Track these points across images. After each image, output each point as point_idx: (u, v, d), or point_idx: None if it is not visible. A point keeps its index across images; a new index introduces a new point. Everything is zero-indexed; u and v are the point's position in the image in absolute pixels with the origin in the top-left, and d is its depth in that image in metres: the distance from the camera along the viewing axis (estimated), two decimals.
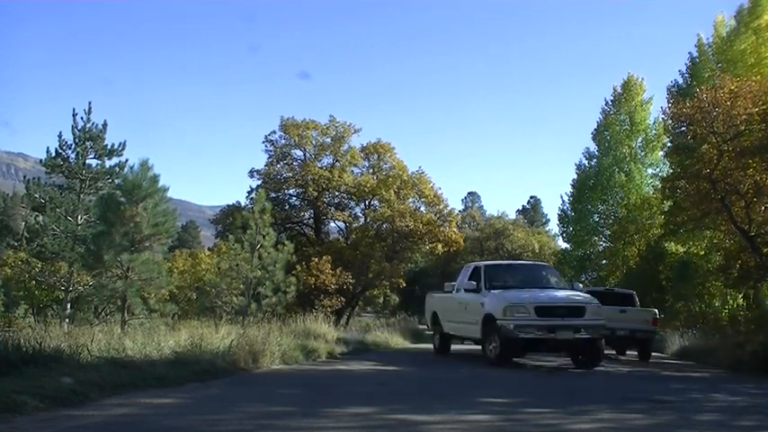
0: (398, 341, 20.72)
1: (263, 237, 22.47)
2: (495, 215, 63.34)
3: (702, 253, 28.31)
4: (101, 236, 16.81)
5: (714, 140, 17.98)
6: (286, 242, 23.40)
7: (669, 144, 29.74)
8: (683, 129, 21.98)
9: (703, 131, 17.91)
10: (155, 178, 16.87)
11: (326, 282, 31.37)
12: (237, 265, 22.17)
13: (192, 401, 7.73)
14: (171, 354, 10.56)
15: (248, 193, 37.03)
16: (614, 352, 20.33)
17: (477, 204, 74.64)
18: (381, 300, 66.51)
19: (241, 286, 21.82)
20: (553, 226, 61.90)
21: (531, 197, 78.49)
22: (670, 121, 27.71)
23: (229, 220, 32.99)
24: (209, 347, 11.27)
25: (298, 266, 31.44)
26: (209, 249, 49.06)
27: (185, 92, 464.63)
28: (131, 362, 9.32)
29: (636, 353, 19.60)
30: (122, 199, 16.57)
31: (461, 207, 68.20)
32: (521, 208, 77.41)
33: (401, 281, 37.39)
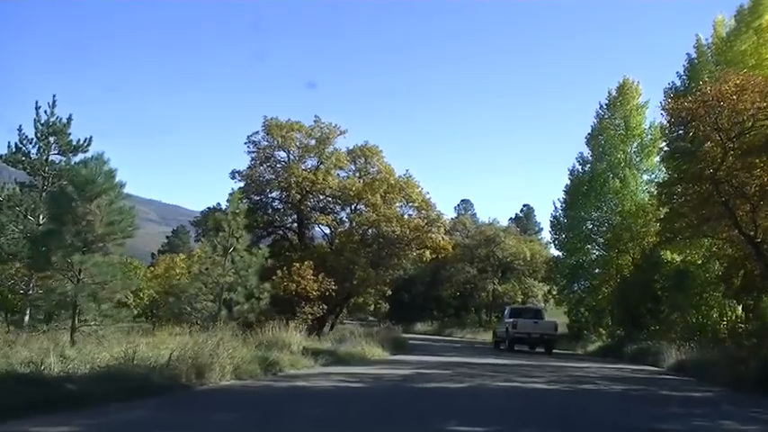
0: (377, 352, 19.33)
1: (237, 239, 21.13)
2: (487, 222, 62.14)
3: (700, 262, 27.04)
4: (50, 235, 15.44)
5: (718, 138, 16.62)
6: (261, 246, 22.05)
7: (666, 148, 28.60)
8: (683, 129, 20.70)
9: (706, 128, 16.58)
10: (111, 173, 15.53)
11: (308, 288, 29.92)
12: (207, 268, 20.82)
13: (92, 431, 6.36)
14: (104, 367, 9.22)
15: (230, 195, 35.51)
16: (527, 347, 30.31)
17: (470, 212, 73.62)
18: (372, 307, 65.48)
19: (210, 293, 20.49)
20: (546, 234, 60.73)
21: (525, 206, 77.64)
22: (668, 122, 26.70)
23: (207, 222, 31.55)
24: (149, 360, 9.88)
25: (279, 272, 30.09)
26: (184, 254, 47.41)
27: (186, 99, 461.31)
28: (42, 379, 7.94)
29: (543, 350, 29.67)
30: (74, 196, 15.17)
31: (454, 215, 67.03)
32: (514, 216, 76.56)
33: (386, 288, 36.00)
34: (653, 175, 35.08)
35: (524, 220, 74.52)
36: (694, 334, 25.28)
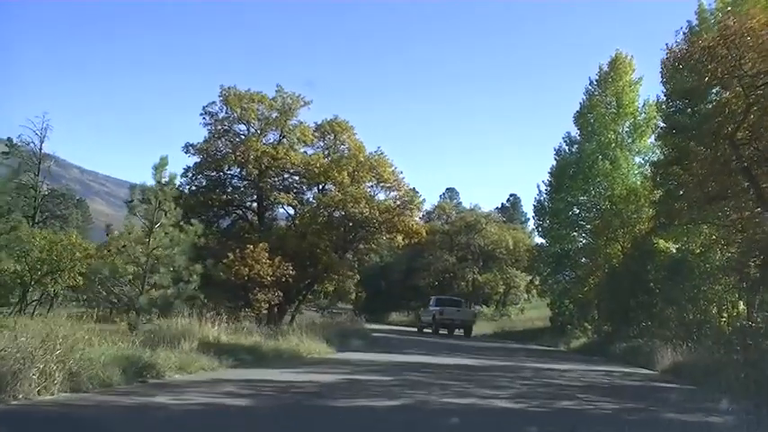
0: (318, 349, 16.15)
1: (165, 213, 18.01)
2: (468, 208, 59.10)
3: (698, 251, 24.15)
4: None
5: (739, 88, 13.49)
6: (193, 222, 18.93)
7: (663, 125, 25.73)
8: (687, 99, 17.59)
9: (725, 74, 13.44)
10: None
11: (262, 273, 26.88)
12: (124, 246, 17.68)
13: None
14: None
15: (184, 170, 32.34)
16: (446, 331, 36.32)
17: (455, 201, 70.87)
18: (354, 295, 62.76)
19: (129, 274, 17.37)
20: (533, 224, 57.89)
21: (511, 195, 75.69)
22: (666, 95, 23.92)
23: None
24: None
25: (230, 254, 27.13)
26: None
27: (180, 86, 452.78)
28: None
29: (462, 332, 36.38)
30: None
31: (437, 202, 63.99)
32: (500, 206, 74.46)
33: (351, 274, 32.94)
34: (646, 158, 32.31)
35: (511, 210, 72.72)
36: (691, 332, 22.52)
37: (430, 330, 36.32)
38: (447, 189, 73.86)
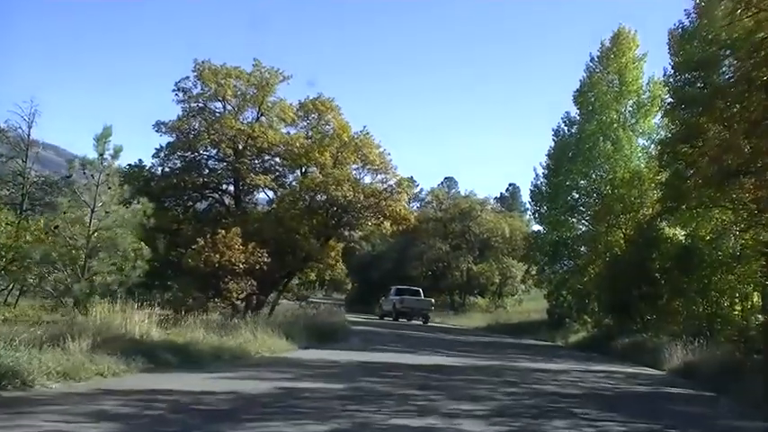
0: (276, 345, 13.79)
1: (109, 188, 15.83)
2: (462, 194, 56.79)
3: (709, 238, 21.98)
4: None
5: None
6: (141, 200, 16.75)
7: (670, 101, 23.67)
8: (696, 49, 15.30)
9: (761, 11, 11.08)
10: None
11: (234, 260, 24.67)
12: (57, 227, 15.49)
13: None
14: None
15: (156, 151, 30.08)
16: (406, 319, 38.90)
17: (454, 190, 68.90)
18: (351, 285, 61.00)
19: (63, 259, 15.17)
20: (530, 210, 55.68)
21: (510, 185, 73.82)
22: (673, 66, 21.86)
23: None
24: None
25: (200, 240, 24.94)
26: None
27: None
28: None
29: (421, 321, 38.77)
30: None
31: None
32: (499, 196, 72.90)
33: (333, 263, 30.62)
34: (651, 139, 30.17)
35: (510, 200, 71.16)
36: (701, 326, 20.46)
37: (391, 318, 39.45)
38: (446, 178, 72.02)
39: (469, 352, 18.63)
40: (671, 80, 23.18)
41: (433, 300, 41.89)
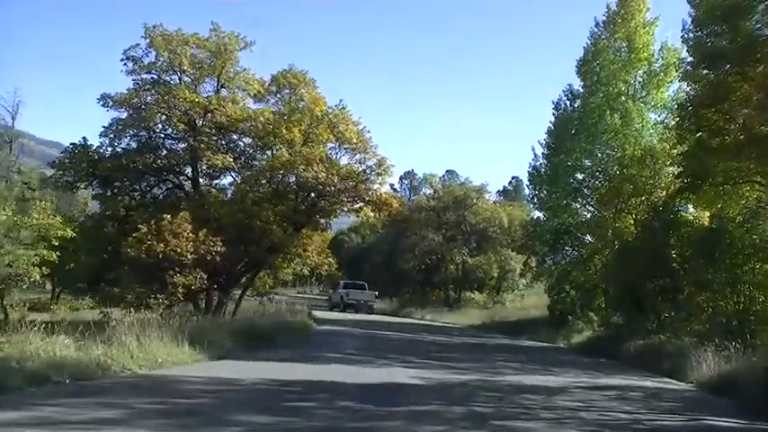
0: (175, 357, 10.14)
1: None
2: (457, 182, 53.17)
3: (740, 219, 18.50)
4: None
5: None
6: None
7: (690, 60, 20.39)
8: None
9: None
10: None
11: (180, 249, 21.26)
12: None
13: None
14: None
15: (104, 129, 26.49)
16: (353, 311, 43.16)
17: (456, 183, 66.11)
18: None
19: None
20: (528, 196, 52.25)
21: (513, 177, 71.26)
22: (693, 22, 18.58)
23: None
24: None
25: (141, 226, 21.60)
26: None
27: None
28: None
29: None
30: None
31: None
32: (501, 189, 70.64)
33: (308, 254, 27.08)
34: (663, 116, 26.73)
35: (513, 194, 68.76)
36: (730, 326, 17.02)
37: (338, 310, 44.03)
38: (447, 171, 69.17)
39: (446, 360, 15.09)
40: (690, 35, 19.81)
41: (376, 292, 46.97)
